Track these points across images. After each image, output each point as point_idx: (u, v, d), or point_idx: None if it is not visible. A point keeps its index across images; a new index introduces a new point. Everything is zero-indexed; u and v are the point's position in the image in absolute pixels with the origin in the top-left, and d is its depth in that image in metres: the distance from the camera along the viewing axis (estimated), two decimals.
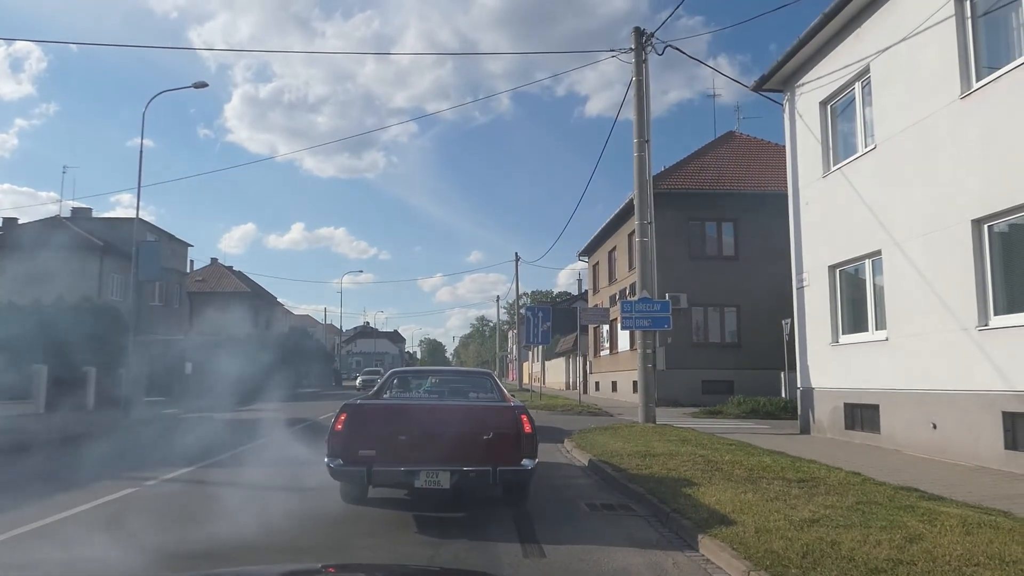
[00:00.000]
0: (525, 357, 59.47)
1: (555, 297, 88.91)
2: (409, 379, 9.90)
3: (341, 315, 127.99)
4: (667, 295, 20.10)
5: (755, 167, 27.91)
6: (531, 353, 60.43)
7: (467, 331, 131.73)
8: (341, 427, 6.57)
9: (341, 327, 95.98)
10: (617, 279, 31.88)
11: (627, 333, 25.19)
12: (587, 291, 44.51)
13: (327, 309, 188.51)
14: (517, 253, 52.19)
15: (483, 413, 7.15)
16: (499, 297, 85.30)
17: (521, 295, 58.41)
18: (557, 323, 37.17)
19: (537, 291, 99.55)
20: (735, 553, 5.02)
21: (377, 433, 6.63)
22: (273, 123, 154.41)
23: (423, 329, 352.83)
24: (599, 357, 36.47)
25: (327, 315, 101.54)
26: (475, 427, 6.69)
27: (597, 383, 36.70)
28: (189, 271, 50.42)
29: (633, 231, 16.48)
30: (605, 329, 34.24)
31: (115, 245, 34.42)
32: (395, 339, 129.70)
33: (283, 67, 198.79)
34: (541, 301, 79.53)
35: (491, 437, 6.58)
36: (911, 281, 11.15)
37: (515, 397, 8.59)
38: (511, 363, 71.35)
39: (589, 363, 38.92)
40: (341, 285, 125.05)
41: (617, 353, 31.50)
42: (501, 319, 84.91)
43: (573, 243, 53.52)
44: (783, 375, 20.23)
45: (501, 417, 6.90)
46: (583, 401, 26.51)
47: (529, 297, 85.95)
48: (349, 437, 6.53)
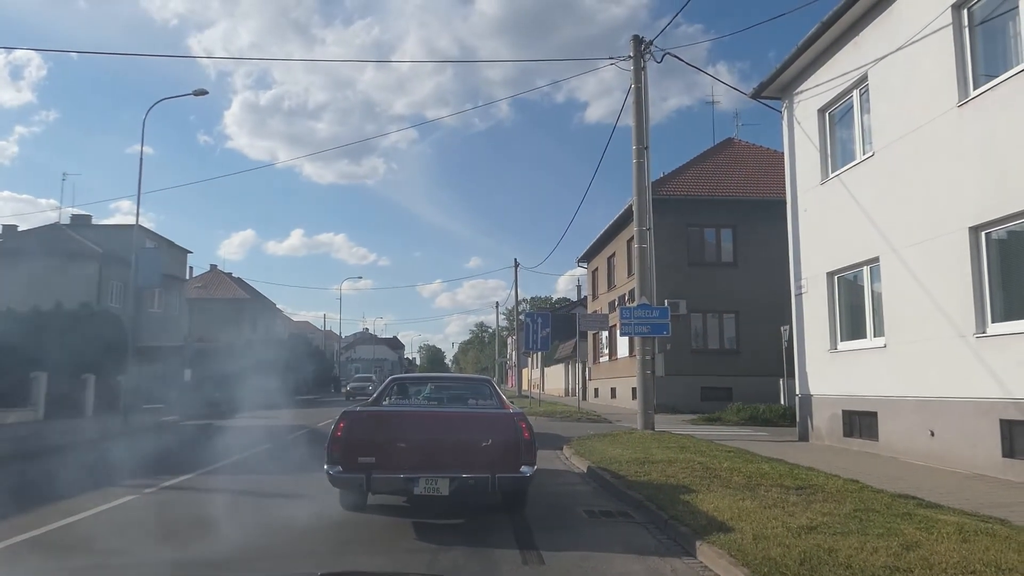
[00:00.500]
0: (524, 363, 59.43)
1: (554, 303, 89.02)
2: (408, 386, 9.93)
3: (340, 321, 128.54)
4: (666, 301, 20.11)
5: (754, 174, 28.03)
6: (530, 359, 60.46)
7: (466, 337, 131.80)
8: (340, 434, 6.59)
9: (340, 333, 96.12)
10: (616, 285, 31.92)
11: (626, 339, 25.19)
12: (586, 297, 44.57)
13: (326, 315, 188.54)
14: (516, 259, 52.10)
15: (482, 420, 7.17)
16: (498, 303, 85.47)
17: (520, 301, 58.46)
18: (556, 329, 37.11)
19: (536, 297, 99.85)
20: (733, 560, 5.04)
21: (376, 440, 6.65)
22: (273, 130, 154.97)
23: (422, 335, 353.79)
24: (598, 363, 36.48)
25: (326, 321, 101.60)
26: (474, 434, 6.72)
27: (596, 389, 36.69)
28: (188, 278, 50.45)
29: (632, 237, 16.51)
30: (604, 335, 34.25)
31: (114, 252, 34.44)
32: (394, 345, 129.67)
33: (283, 74, 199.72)
34: (540, 307, 79.61)
35: (490, 444, 6.60)
36: (909, 288, 11.18)
37: (514, 404, 8.59)
38: (510, 369, 71.30)
39: (588, 369, 38.92)
40: (340, 291, 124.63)
41: (616, 359, 31.51)
42: (500, 325, 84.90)
43: (572, 249, 53.76)
44: (782, 382, 20.23)
45: (500, 424, 6.92)
46: (582, 408, 26.52)
47: (528, 303, 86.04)
48: (348, 444, 6.55)
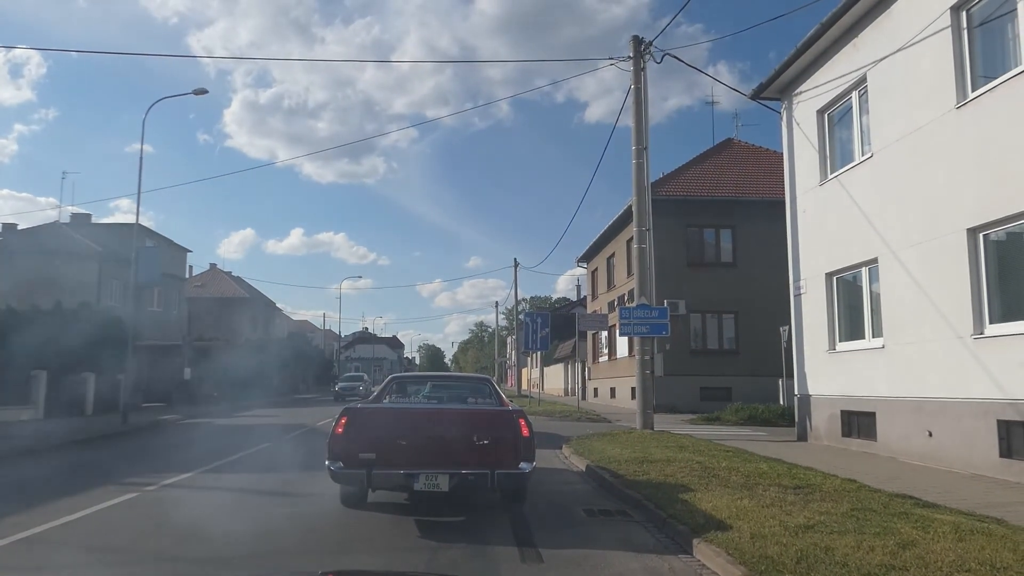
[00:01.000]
0: (524, 363, 59.52)
1: (554, 303, 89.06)
2: (408, 384, 9.99)
3: (340, 320, 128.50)
4: (665, 302, 20.15)
5: (753, 174, 28.07)
6: (530, 359, 60.54)
7: (466, 337, 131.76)
8: (342, 431, 6.65)
9: (340, 333, 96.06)
10: (616, 285, 31.96)
11: (626, 339, 25.22)
12: (586, 297, 44.60)
13: (326, 314, 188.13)
14: (516, 259, 52.08)
15: (481, 417, 7.22)
16: (498, 303, 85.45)
17: (520, 301, 58.53)
18: (556, 329, 37.20)
19: (536, 297, 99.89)
20: (730, 558, 5.07)
21: (377, 437, 6.70)
22: (273, 128, 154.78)
23: (422, 335, 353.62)
24: (598, 363, 36.51)
25: (326, 320, 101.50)
26: (474, 431, 6.76)
27: (596, 389, 36.73)
28: (188, 276, 50.50)
29: (632, 237, 16.54)
30: (604, 335, 34.28)
31: (114, 251, 34.47)
32: (394, 345, 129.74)
33: (283, 73, 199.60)
34: (540, 307, 79.62)
35: (489, 441, 6.65)
36: (907, 289, 11.22)
37: (513, 402, 8.64)
38: (510, 369, 71.37)
39: (588, 369, 38.96)
40: (340, 290, 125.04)
41: (616, 359, 31.55)
42: (500, 325, 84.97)
43: (572, 249, 53.78)
44: (781, 382, 20.26)
45: (499, 421, 6.98)
46: (581, 407, 26.57)
47: (528, 303, 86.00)
48: (349, 440, 6.60)
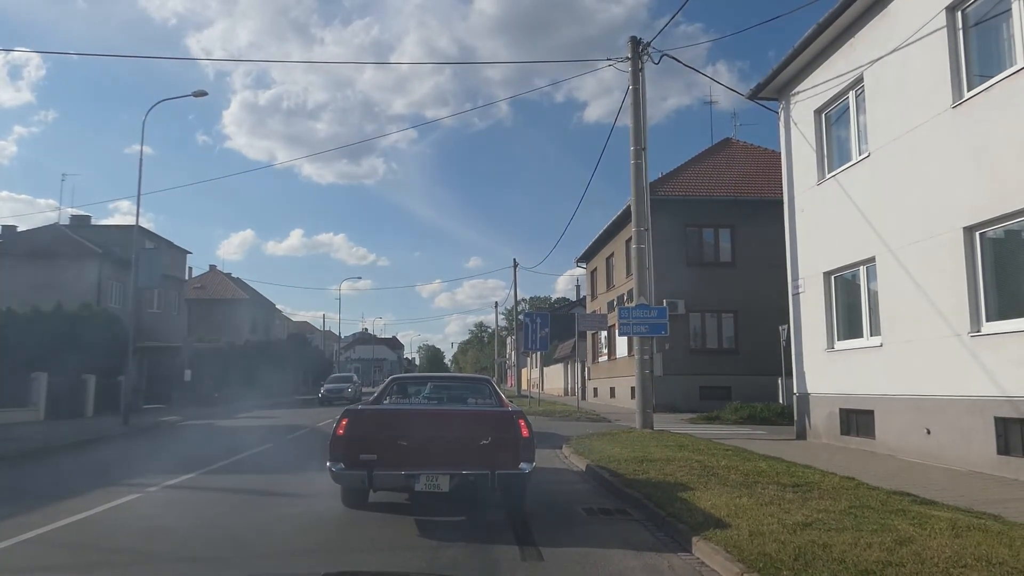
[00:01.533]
0: (523, 363, 59.54)
1: (553, 303, 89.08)
2: (408, 385, 10.05)
3: (340, 321, 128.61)
4: (664, 301, 20.22)
5: (752, 174, 28.10)
6: (529, 359, 60.57)
7: (466, 337, 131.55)
8: (343, 432, 6.69)
9: (340, 334, 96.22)
10: (615, 285, 32.00)
11: (625, 339, 25.22)
12: (585, 297, 44.64)
13: (326, 315, 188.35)
14: (515, 259, 52.05)
15: (481, 418, 7.27)
16: (497, 303, 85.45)
17: (519, 301, 58.54)
18: (555, 329, 37.20)
19: (536, 297, 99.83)
20: (729, 556, 5.12)
21: (378, 438, 6.75)
22: (272, 129, 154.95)
23: (422, 335, 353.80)
24: (597, 363, 36.55)
25: (326, 321, 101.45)
26: (474, 432, 6.81)
27: (595, 389, 36.78)
28: (188, 278, 50.51)
29: (631, 237, 16.58)
30: (603, 335, 34.33)
31: (114, 252, 34.50)
32: (394, 345, 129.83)
33: (282, 74, 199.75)
34: (539, 307, 79.62)
35: (489, 441, 6.69)
36: (905, 288, 11.27)
37: (513, 403, 8.69)
38: (509, 369, 71.39)
39: (587, 369, 39.00)
40: (340, 291, 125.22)
41: (615, 359, 31.59)
42: (500, 325, 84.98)
43: (571, 249, 53.86)
44: (780, 381, 20.32)
45: (499, 422, 7.02)
46: (581, 407, 26.61)
47: (527, 303, 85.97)
48: (350, 442, 6.64)
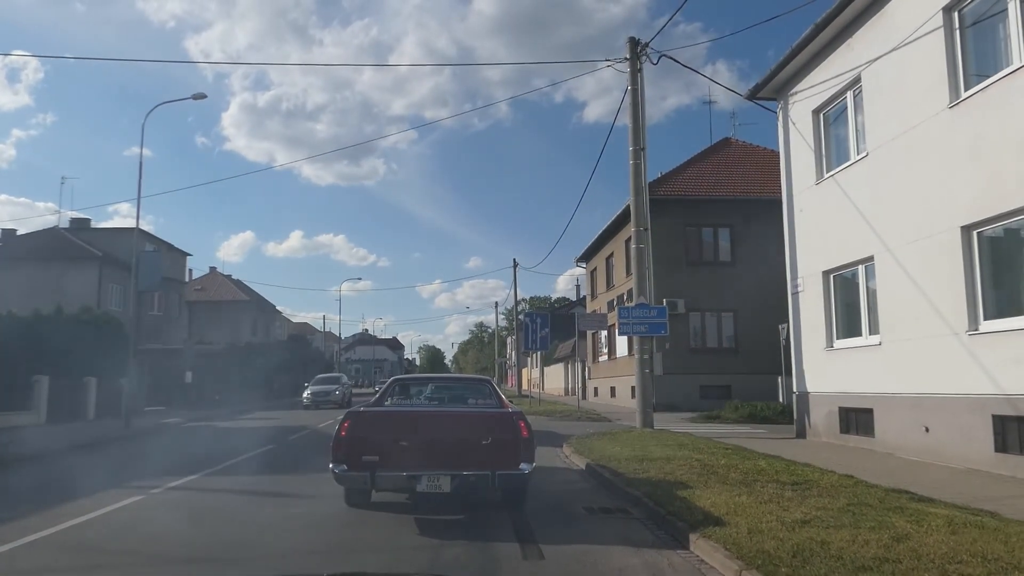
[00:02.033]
0: (524, 363, 59.58)
1: (553, 303, 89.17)
2: (409, 386, 10.10)
3: (340, 322, 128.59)
4: (664, 301, 20.29)
5: (751, 173, 28.15)
6: (530, 359, 60.64)
7: (466, 337, 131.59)
8: (345, 434, 6.76)
9: (340, 334, 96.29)
10: (615, 285, 32.05)
11: (625, 339, 25.29)
12: (585, 297, 44.69)
13: (326, 316, 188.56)
14: (515, 259, 52.09)
15: (482, 419, 7.33)
16: (497, 303, 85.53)
17: (520, 301, 58.58)
18: (555, 329, 37.21)
19: (536, 297, 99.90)
20: (728, 553, 5.17)
21: (380, 439, 6.81)
22: (271, 131, 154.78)
23: (422, 336, 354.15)
24: (597, 363, 36.61)
25: (326, 322, 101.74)
26: (474, 433, 6.87)
27: (596, 388, 36.83)
28: (188, 280, 50.59)
29: (630, 237, 16.63)
30: (603, 335, 34.37)
31: (114, 255, 34.57)
32: (394, 346, 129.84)
33: (281, 75, 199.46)
34: (539, 307, 79.70)
35: (490, 442, 6.75)
36: (903, 286, 11.32)
37: (513, 403, 8.74)
38: (510, 369, 71.44)
39: (588, 369, 39.05)
40: (340, 292, 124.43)
41: (615, 359, 31.64)
42: (500, 325, 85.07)
43: (571, 249, 53.93)
44: (780, 380, 20.36)
45: (499, 423, 7.08)
46: (582, 407, 26.66)
47: (528, 303, 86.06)
48: (353, 443, 6.71)
